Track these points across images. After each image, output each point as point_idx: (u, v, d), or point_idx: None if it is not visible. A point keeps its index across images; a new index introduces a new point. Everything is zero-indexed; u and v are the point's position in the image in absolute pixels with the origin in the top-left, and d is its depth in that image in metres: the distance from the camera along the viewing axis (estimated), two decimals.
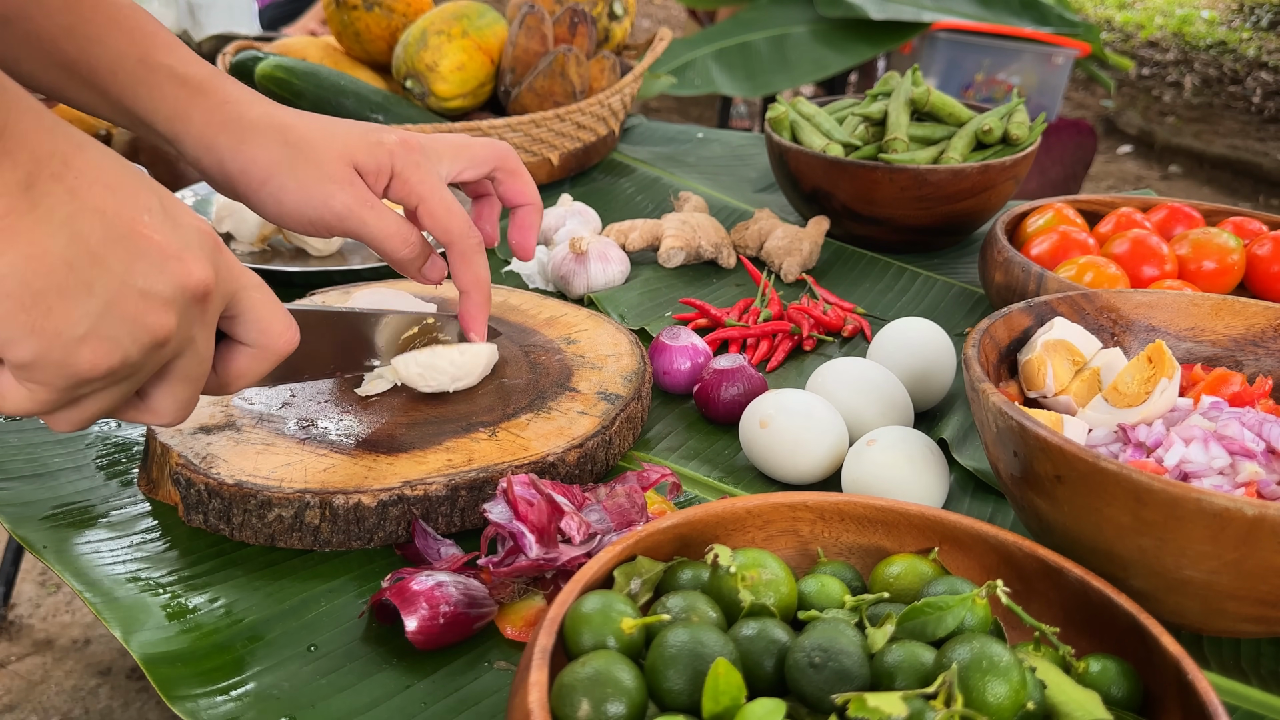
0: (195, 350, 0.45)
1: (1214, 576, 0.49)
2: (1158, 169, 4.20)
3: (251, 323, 0.48)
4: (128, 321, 0.40)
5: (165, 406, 0.46)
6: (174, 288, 0.42)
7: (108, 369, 0.41)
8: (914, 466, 0.63)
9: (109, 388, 0.43)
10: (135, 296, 0.40)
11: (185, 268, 0.42)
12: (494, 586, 0.56)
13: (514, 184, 0.69)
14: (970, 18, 2.96)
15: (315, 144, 0.60)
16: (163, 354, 0.43)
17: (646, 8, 5.79)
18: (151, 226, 0.41)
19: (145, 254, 0.41)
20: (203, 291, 0.43)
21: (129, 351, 0.41)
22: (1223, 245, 0.86)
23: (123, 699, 1.58)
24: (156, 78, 0.59)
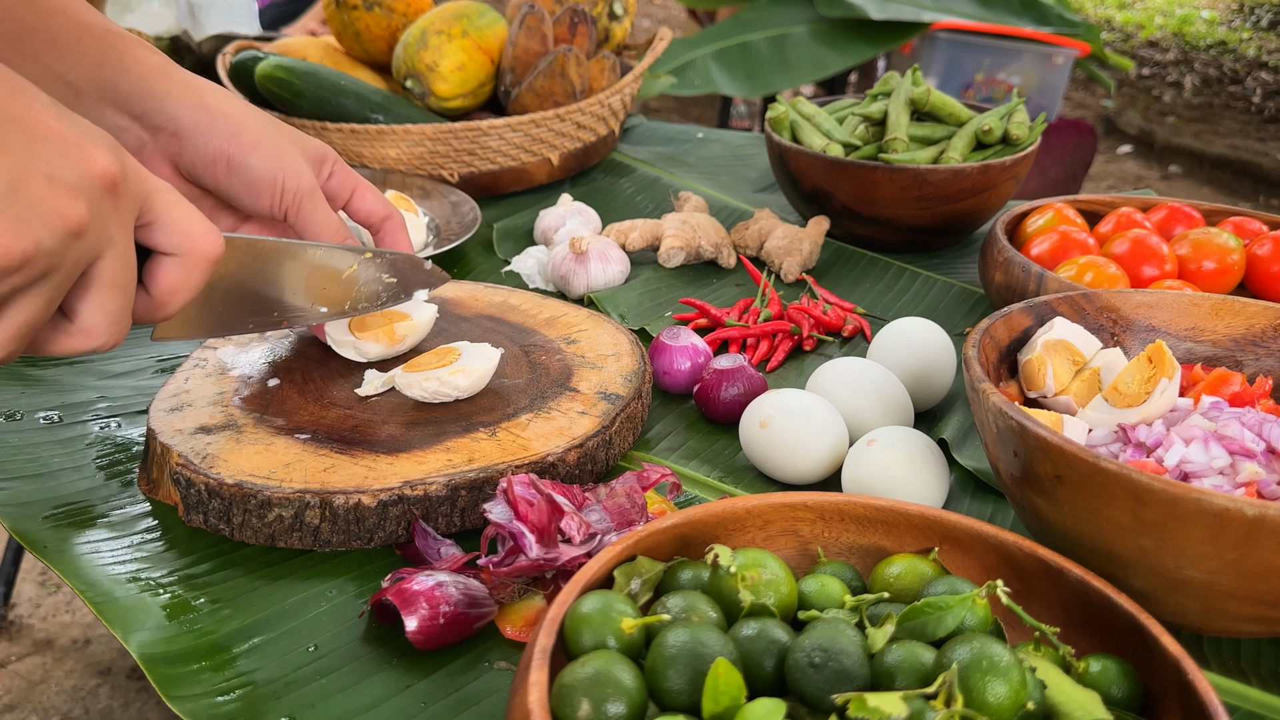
0: (116, 250, 0.43)
1: (1214, 576, 0.49)
2: (1158, 169, 4.20)
3: (170, 226, 0.47)
4: (35, 205, 0.39)
5: (95, 321, 0.44)
6: (79, 174, 0.40)
7: (22, 254, 0.39)
8: (914, 466, 0.63)
9: (29, 289, 0.41)
10: (40, 180, 0.39)
11: (88, 154, 0.41)
12: (494, 586, 0.56)
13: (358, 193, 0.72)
14: (970, 18, 2.97)
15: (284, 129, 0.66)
16: (80, 247, 0.41)
17: (646, 8, 5.79)
18: (46, 115, 0.40)
19: (45, 139, 0.40)
20: (110, 179, 0.42)
21: (41, 236, 0.39)
22: (1223, 245, 0.86)
23: (123, 699, 1.58)
24: (126, 45, 0.60)
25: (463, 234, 0.99)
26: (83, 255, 0.42)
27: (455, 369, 0.68)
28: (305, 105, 1.11)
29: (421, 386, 0.67)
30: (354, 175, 0.70)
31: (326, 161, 0.69)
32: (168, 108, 0.61)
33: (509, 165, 1.14)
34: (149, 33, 1.47)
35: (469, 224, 1.01)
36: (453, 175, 1.13)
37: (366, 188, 0.71)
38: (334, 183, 0.69)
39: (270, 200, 0.64)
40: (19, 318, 0.41)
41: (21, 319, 0.41)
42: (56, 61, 0.59)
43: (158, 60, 0.62)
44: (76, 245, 0.41)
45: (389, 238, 0.71)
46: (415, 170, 1.12)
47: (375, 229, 0.72)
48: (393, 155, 1.11)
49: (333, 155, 0.69)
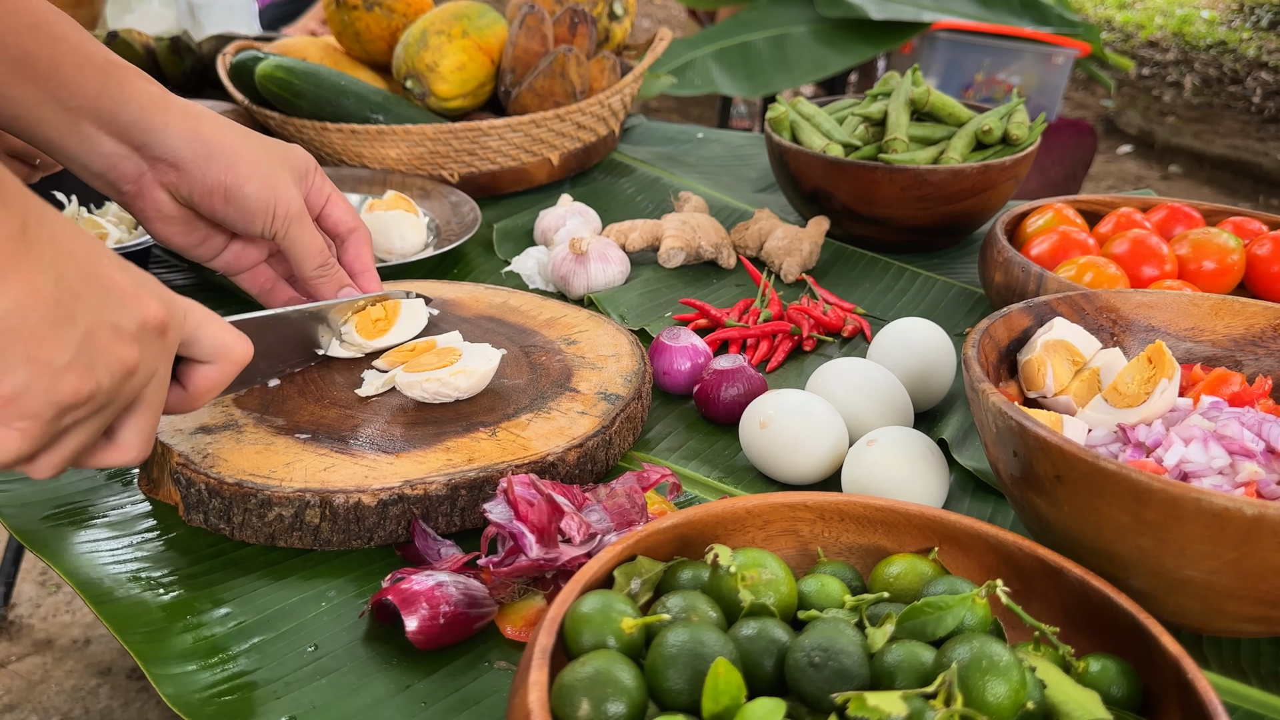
0: (158, 380, 0.50)
1: (1214, 576, 0.49)
2: (1158, 169, 4.20)
3: (205, 342, 0.53)
4: (102, 351, 0.44)
5: (131, 440, 0.50)
6: (136, 322, 0.46)
7: (88, 394, 0.44)
8: (914, 466, 0.63)
9: (85, 421, 0.46)
10: (108, 329, 0.45)
11: (143, 304, 0.47)
12: (494, 586, 0.56)
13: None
14: (970, 18, 2.97)
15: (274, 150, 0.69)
16: (131, 384, 0.47)
17: (646, 8, 5.79)
18: (112, 268, 0.46)
19: (111, 292, 0.45)
20: (160, 324, 0.48)
21: (102, 379, 0.45)
22: (1223, 245, 0.86)
23: (123, 699, 1.58)
24: (127, 75, 0.63)
25: (463, 234, 0.99)
26: (134, 390, 0.48)
27: (456, 370, 0.68)
28: (305, 105, 1.11)
29: (422, 387, 0.67)
30: (329, 185, 0.73)
31: (309, 173, 0.71)
32: (167, 140, 0.64)
33: (509, 165, 1.14)
34: (149, 32, 1.47)
35: (469, 224, 1.01)
36: (453, 175, 1.13)
37: (339, 197, 0.74)
38: (313, 192, 0.72)
39: (263, 226, 0.68)
40: (73, 443, 0.47)
41: (75, 444, 0.47)
42: (58, 88, 0.60)
43: (156, 91, 0.64)
44: (129, 383, 0.47)
45: (352, 251, 0.74)
46: (415, 170, 1.12)
47: (342, 240, 0.74)
48: (393, 155, 1.11)
49: (313, 165, 0.72)
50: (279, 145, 0.70)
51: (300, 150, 0.71)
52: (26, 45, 0.59)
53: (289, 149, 0.70)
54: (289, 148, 0.70)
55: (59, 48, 0.60)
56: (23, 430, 0.43)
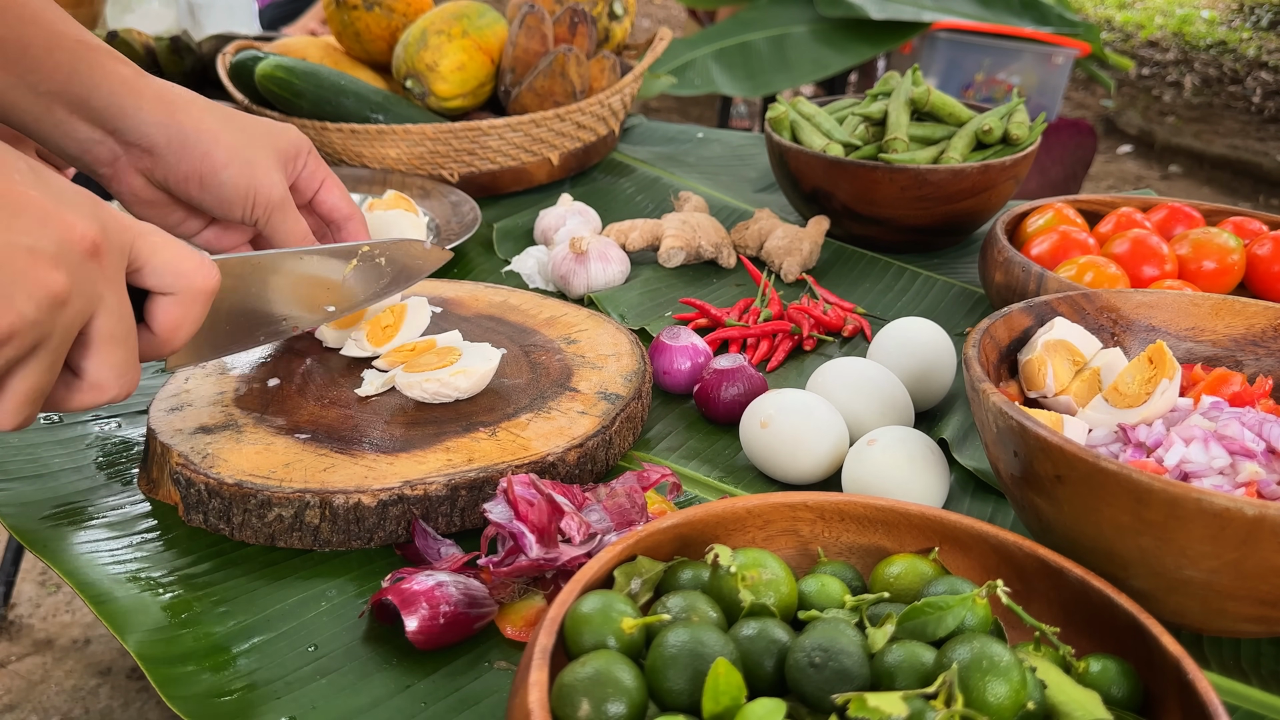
0: (108, 308, 0.44)
1: (1214, 576, 0.49)
2: (1158, 169, 4.20)
3: (161, 268, 0.48)
4: (17, 278, 0.40)
5: (103, 375, 0.46)
6: (58, 243, 0.41)
7: (9, 327, 0.40)
8: (914, 466, 0.63)
9: (26, 360, 0.42)
10: (20, 253, 0.40)
11: (67, 222, 0.41)
12: (494, 586, 0.56)
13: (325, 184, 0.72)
14: (970, 18, 2.97)
15: (259, 134, 0.66)
16: (67, 314, 0.42)
17: (646, 8, 5.79)
18: (25, 184, 0.41)
19: (23, 211, 0.40)
20: (89, 244, 0.42)
21: (24, 309, 0.40)
22: (1223, 245, 0.85)
23: (123, 699, 1.58)
24: (99, 57, 0.61)
25: (463, 234, 0.99)
26: (73, 319, 0.43)
27: (456, 370, 0.68)
28: (305, 105, 1.11)
29: (422, 387, 0.67)
30: (324, 169, 0.71)
31: (300, 155, 0.69)
32: (139, 125, 0.62)
33: (509, 165, 1.14)
34: (149, 32, 1.47)
35: (469, 224, 1.01)
36: (453, 175, 1.13)
37: (334, 183, 0.71)
38: (304, 175, 0.70)
39: (242, 213, 0.66)
40: (23, 386, 0.42)
41: (25, 386, 0.42)
42: (28, 73, 0.59)
43: (129, 73, 0.62)
44: (63, 312, 0.42)
45: (349, 239, 0.72)
46: (415, 170, 1.12)
47: (337, 228, 0.72)
48: (393, 155, 1.11)
49: (306, 147, 0.69)
50: (266, 127, 0.67)
51: (292, 132, 0.69)
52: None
53: (278, 131, 0.68)
54: (279, 129, 0.68)
55: (28, 30, 0.58)
56: None
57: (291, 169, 0.69)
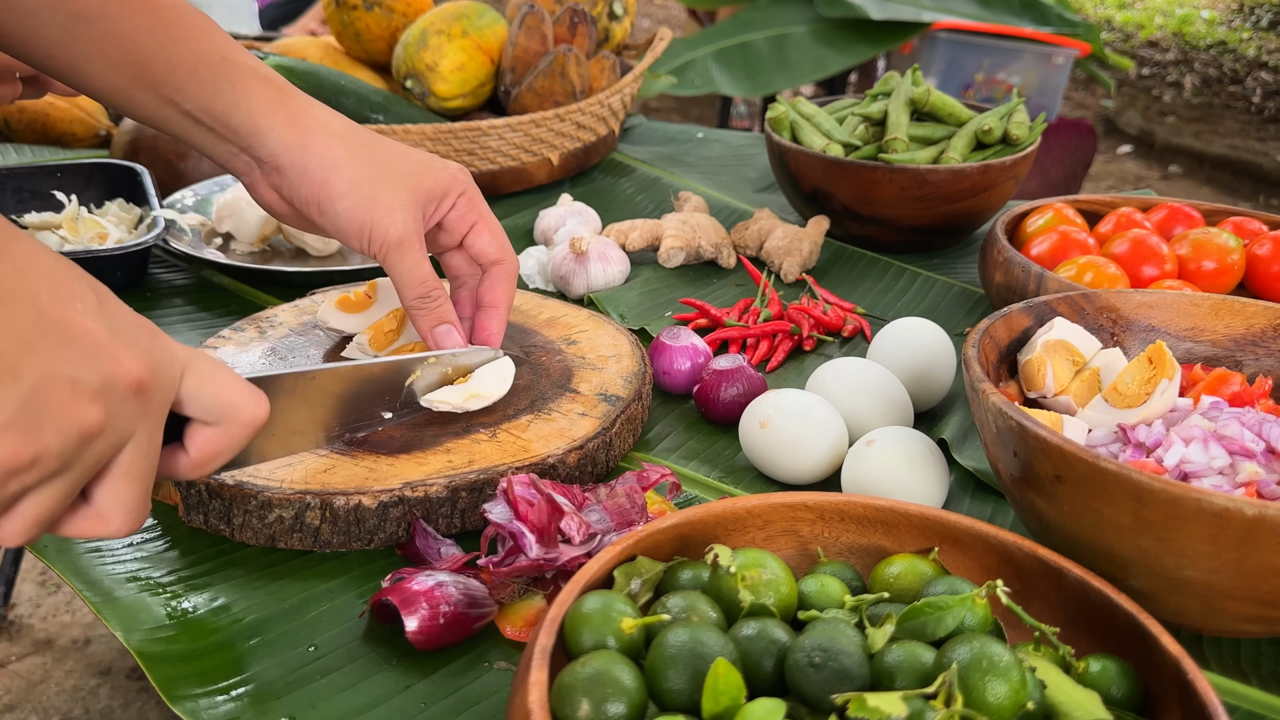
0: (138, 445, 0.43)
1: (1214, 576, 0.49)
2: (1158, 169, 4.20)
3: (208, 401, 0.46)
4: (52, 410, 0.38)
5: (111, 508, 0.44)
6: (103, 379, 0.40)
7: (31, 458, 0.38)
8: (914, 466, 0.63)
9: (43, 485, 0.40)
10: (63, 385, 0.39)
11: (115, 358, 0.40)
12: (494, 586, 0.56)
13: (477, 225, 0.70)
14: (970, 18, 2.96)
15: (396, 169, 0.65)
16: (96, 448, 0.41)
17: (646, 8, 5.79)
18: (85, 315, 0.40)
19: (76, 342, 0.39)
20: (135, 382, 0.41)
21: (50, 443, 0.39)
22: (1223, 245, 0.86)
23: (123, 699, 1.58)
24: (241, 75, 0.62)
25: None
26: (102, 454, 0.42)
27: (470, 394, 0.66)
28: None
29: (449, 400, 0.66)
30: (478, 211, 0.69)
31: (448, 196, 0.67)
32: (269, 144, 0.63)
33: (509, 165, 1.14)
34: None
35: None
36: None
37: (486, 225, 0.69)
38: (453, 216, 0.68)
39: (358, 245, 0.65)
40: (34, 510, 0.41)
41: (37, 511, 0.41)
42: (174, 92, 0.61)
43: (270, 93, 0.62)
44: (92, 446, 0.41)
45: (487, 283, 0.70)
46: None
47: (484, 271, 0.70)
48: None
49: (459, 188, 0.67)
50: (410, 162, 0.66)
51: (445, 172, 0.67)
52: (145, 49, 0.59)
53: (426, 168, 0.66)
54: (429, 167, 0.66)
55: (177, 50, 0.60)
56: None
57: (435, 209, 0.67)
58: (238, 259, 0.97)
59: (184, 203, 1.04)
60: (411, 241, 0.65)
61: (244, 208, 0.98)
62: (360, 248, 0.65)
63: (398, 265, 0.65)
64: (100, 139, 1.32)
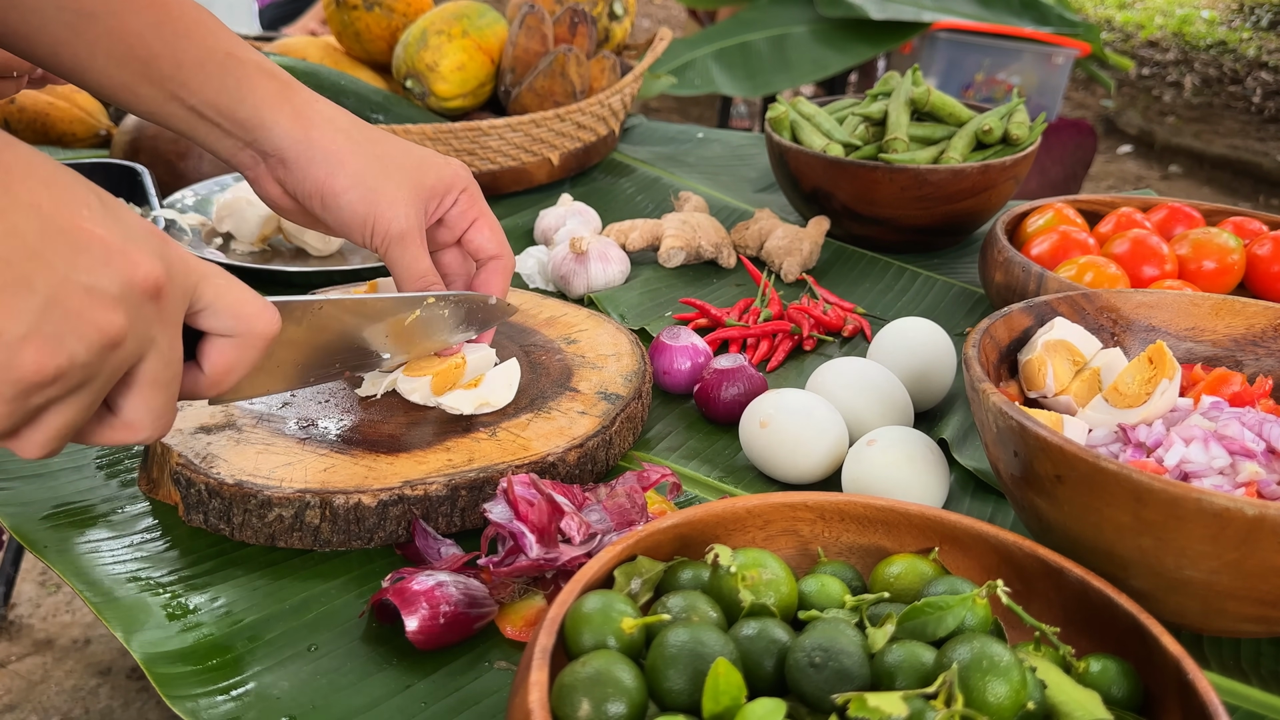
0: (159, 351, 0.43)
1: (1214, 576, 0.49)
2: (1158, 169, 4.20)
3: (222, 310, 0.46)
4: (72, 319, 0.38)
5: (139, 417, 0.44)
6: (121, 283, 0.39)
7: (55, 370, 0.38)
8: (914, 466, 0.63)
9: (66, 397, 0.40)
10: (79, 292, 0.38)
11: (131, 261, 0.40)
12: (494, 586, 0.56)
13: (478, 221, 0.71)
14: (970, 18, 2.96)
15: (399, 164, 0.65)
16: (119, 356, 0.41)
17: (646, 8, 5.79)
18: (92, 220, 0.39)
19: (87, 249, 0.39)
20: (153, 286, 0.41)
21: (75, 351, 0.38)
22: (1223, 245, 0.86)
23: (123, 699, 1.58)
24: (246, 70, 0.62)
25: None
26: (123, 361, 0.41)
27: (482, 401, 0.67)
28: None
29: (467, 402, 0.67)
30: (478, 207, 0.70)
31: (450, 192, 0.68)
32: (274, 138, 0.63)
33: (509, 165, 1.14)
34: None
35: None
36: None
37: (486, 222, 0.70)
38: (454, 212, 0.69)
39: (361, 239, 0.66)
40: (57, 421, 0.41)
41: (61, 422, 0.41)
42: (179, 88, 0.61)
43: (275, 87, 0.63)
44: (115, 354, 0.40)
45: (483, 276, 0.71)
46: None
47: (479, 267, 0.71)
48: None
49: (460, 185, 0.68)
50: (413, 158, 0.66)
51: (448, 169, 0.68)
52: (151, 45, 0.59)
53: (429, 164, 0.67)
54: (432, 163, 0.67)
55: (182, 45, 0.60)
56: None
57: (437, 205, 0.68)
58: (238, 259, 0.97)
59: (184, 203, 1.04)
60: (413, 235, 0.66)
61: (244, 208, 0.98)
62: (363, 241, 0.66)
63: (399, 259, 0.66)
64: (100, 139, 1.32)
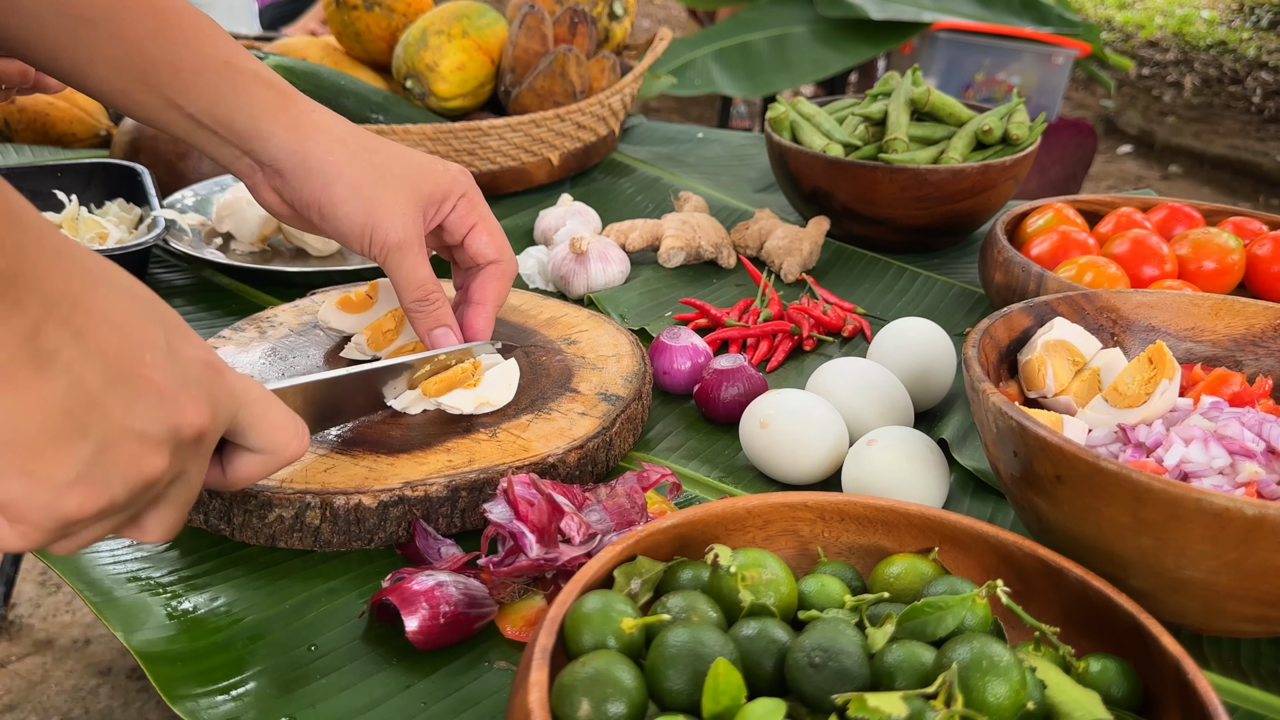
0: (187, 481, 0.45)
1: (1214, 576, 0.49)
2: (1158, 169, 4.20)
3: (257, 436, 0.48)
4: (120, 465, 0.40)
5: (151, 527, 0.46)
6: (168, 429, 0.41)
7: (96, 511, 0.40)
8: (914, 466, 0.63)
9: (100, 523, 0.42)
10: (131, 439, 0.40)
11: (180, 409, 0.41)
12: (494, 586, 0.56)
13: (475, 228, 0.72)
14: (970, 18, 2.96)
15: (397, 173, 0.65)
16: (154, 490, 0.43)
17: (646, 8, 5.79)
18: (153, 366, 0.40)
19: (143, 395, 0.40)
20: (196, 432, 0.43)
21: (117, 494, 0.40)
22: (1223, 245, 0.86)
23: (123, 699, 1.58)
24: (244, 79, 0.62)
25: None
26: (157, 494, 0.44)
27: (481, 401, 0.67)
28: None
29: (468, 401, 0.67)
30: (478, 212, 0.69)
31: (449, 199, 0.68)
32: (270, 148, 0.63)
33: (509, 165, 1.14)
34: None
35: None
36: None
37: (485, 227, 0.70)
38: (453, 218, 0.69)
39: (359, 248, 0.66)
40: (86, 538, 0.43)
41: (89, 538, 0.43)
42: (178, 95, 0.61)
43: (272, 97, 0.63)
44: (149, 491, 0.42)
45: (479, 280, 0.71)
46: None
47: (478, 271, 0.71)
48: None
49: (459, 190, 0.68)
50: (410, 165, 0.66)
51: (447, 175, 0.68)
52: (149, 53, 0.60)
53: (428, 171, 0.67)
54: (431, 170, 0.67)
55: (180, 53, 0.60)
56: (23, 534, 0.39)
57: (435, 212, 0.68)
58: (238, 259, 0.97)
59: (184, 203, 1.04)
60: (411, 244, 0.66)
61: (244, 208, 0.98)
62: (361, 250, 0.66)
63: (398, 268, 0.66)
64: (100, 139, 1.32)
